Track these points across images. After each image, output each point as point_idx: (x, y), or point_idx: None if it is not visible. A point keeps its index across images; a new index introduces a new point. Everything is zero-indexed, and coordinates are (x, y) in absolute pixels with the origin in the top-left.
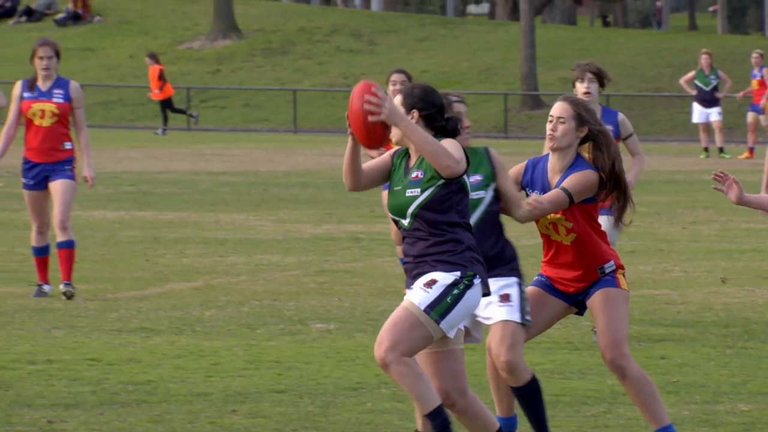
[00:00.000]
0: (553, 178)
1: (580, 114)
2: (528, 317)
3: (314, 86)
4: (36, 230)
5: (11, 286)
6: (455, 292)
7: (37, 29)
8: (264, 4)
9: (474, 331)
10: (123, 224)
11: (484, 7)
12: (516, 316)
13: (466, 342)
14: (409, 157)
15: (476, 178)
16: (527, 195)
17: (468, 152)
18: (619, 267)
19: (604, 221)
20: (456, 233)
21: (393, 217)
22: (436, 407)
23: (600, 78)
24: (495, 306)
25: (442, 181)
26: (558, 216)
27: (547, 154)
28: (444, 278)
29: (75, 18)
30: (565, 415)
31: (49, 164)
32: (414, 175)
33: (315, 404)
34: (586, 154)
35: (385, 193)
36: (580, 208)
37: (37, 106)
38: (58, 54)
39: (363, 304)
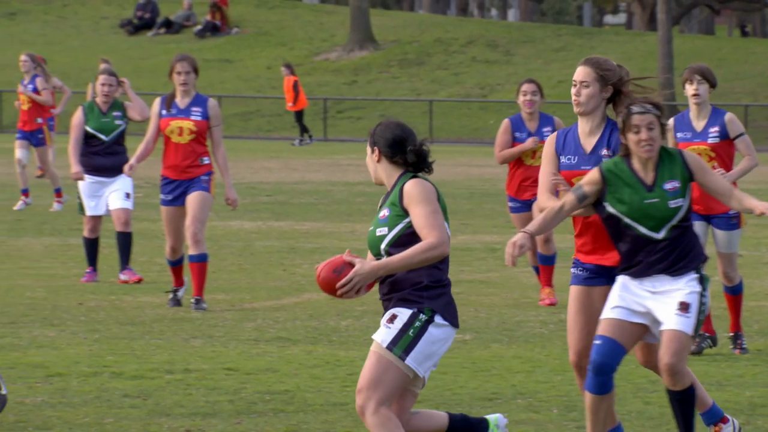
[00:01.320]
0: (586, 141)
1: (603, 75)
2: (698, 330)
3: (450, 97)
4: (170, 247)
5: (150, 296)
6: (417, 324)
7: (175, 41)
8: (400, 15)
9: (654, 330)
10: (260, 234)
11: (621, 18)
12: (689, 329)
13: (646, 340)
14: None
15: (674, 185)
16: (559, 160)
17: (664, 156)
18: None
19: (721, 235)
20: (420, 272)
21: (371, 255)
22: None
23: (709, 79)
24: (672, 312)
25: (408, 219)
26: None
27: (576, 123)
28: (404, 312)
29: (213, 29)
30: (703, 427)
31: (186, 180)
32: (381, 213)
33: None
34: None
35: None
36: None
37: (175, 124)
38: (196, 70)
39: (499, 314)
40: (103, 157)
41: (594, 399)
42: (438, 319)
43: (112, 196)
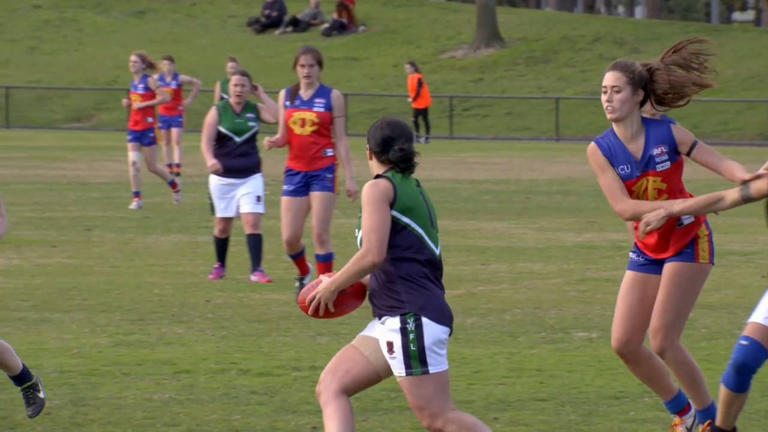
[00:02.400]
0: (632, 147)
1: (634, 78)
2: None
3: (576, 94)
4: (285, 242)
5: (277, 293)
6: (411, 337)
7: (302, 39)
8: (527, 13)
9: None
10: None
11: (750, 14)
12: None
13: None
14: None
15: None
16: (617, 171)
17: None
18: (697, 218)
19: None
20: (391, 272)
21: None
22: None
23: None
24: None
25: None
26: (654, 179)
27: (607, 131)
28: (393, 333)
29: (340, 28)
30: None
31: (310, 172)
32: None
33: (577, 413)
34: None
35: None
36: (679, 164)
37: (297, 115)
38: (320, 62)
39: None
40: (235, 158)
41: (729, 394)
42: (423, 319)
43: (244, 199)
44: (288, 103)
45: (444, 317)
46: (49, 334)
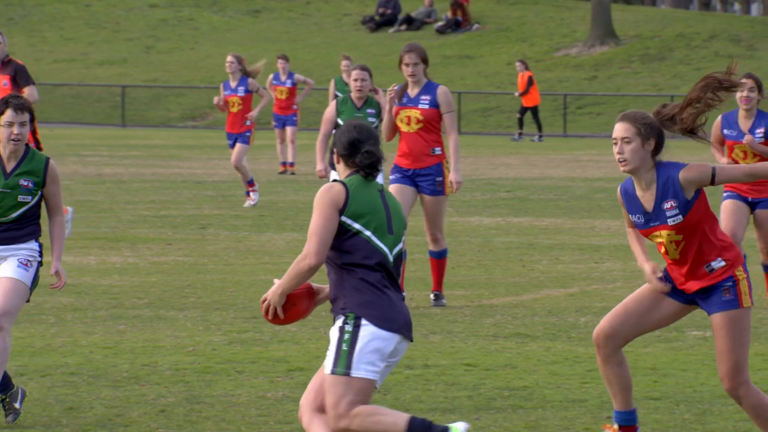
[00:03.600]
0: (644, 198)
1: (642, 129)
2: None
3: None
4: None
5: None
6: (346, 337)
7: (416, 38)
8: (642, 10)
9: None
10: (499, 230)
11: None
12: None
13: None
14: None
15: None
16: (632, 218)
17: None
18: (731, 262)
19: None
20: (342, 275)
21: None
22: (407, 422)
23: None
24: None
25: None
26: (668, 232)
27: (630, 177)
28: (332, 330)
29: (454, 26)
30: None
31: (418, 170)
32: None
33: (691, 412)
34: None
35: None
36: (698, 208)
37: (403, 113)
38: (425, 60)
39: None
40: None
41: None
42: (365, 321)
43: None
44: (396, 101)
45: (390, 322)
46: (164, 332)
